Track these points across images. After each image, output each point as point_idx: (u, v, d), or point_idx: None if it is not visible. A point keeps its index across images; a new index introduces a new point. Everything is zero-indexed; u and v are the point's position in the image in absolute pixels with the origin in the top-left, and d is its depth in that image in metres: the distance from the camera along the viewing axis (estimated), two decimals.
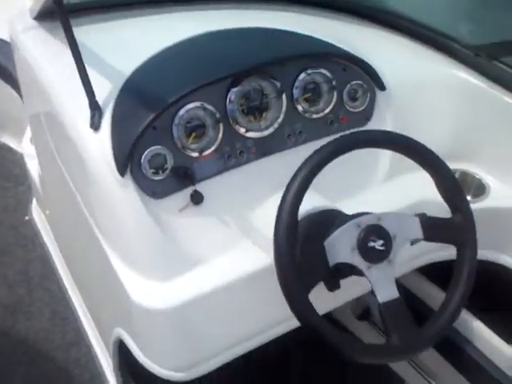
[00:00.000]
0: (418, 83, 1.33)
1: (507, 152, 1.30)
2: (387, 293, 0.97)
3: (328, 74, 1.20)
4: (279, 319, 1.15)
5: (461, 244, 1.02)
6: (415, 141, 1.04)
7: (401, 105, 1.31)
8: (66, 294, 1.90)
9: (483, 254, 1.36)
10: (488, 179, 1.33)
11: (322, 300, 1.02)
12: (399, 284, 1.02)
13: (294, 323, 1.15)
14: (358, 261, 0.96)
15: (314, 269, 0.95)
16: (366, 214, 1.00)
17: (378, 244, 0.97)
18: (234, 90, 1.10)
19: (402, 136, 1.05)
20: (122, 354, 1.29)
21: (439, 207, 1.05)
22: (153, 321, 1.05)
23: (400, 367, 1.65)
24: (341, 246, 0.95)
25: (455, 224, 1.02)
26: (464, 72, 1.32)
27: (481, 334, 1.40)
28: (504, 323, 1.40)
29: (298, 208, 0.94)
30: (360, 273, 0.97)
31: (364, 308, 1.70)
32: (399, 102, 1.30)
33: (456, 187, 1.03)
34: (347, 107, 1.25)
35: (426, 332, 0.97)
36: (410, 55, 1.38)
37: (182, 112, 1.05)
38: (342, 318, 1.77)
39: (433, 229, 1.01)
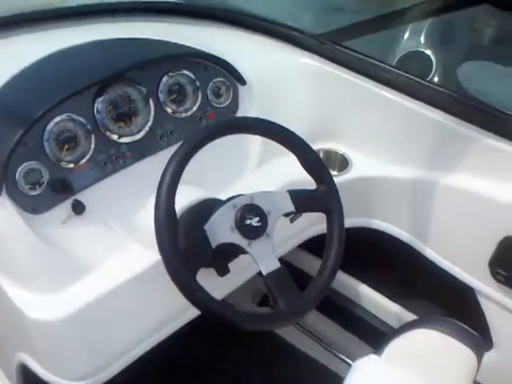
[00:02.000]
0: (275, 75, 1.44)
1: (363, 127, 1.44)
2: (270, 264, 1.05)
3: (190, 74, 1.27)
4: (177, 312, 1.19)
5: (328, 211, 1.13)
6: (276, 124, 1.14)
7: (263, 96, 1.40)
8: None
9: (356, 221, 1.50)
10: (350, 154, 1.46)
11: (216, 286, 1.09)
12: (285, 261, 1.11)
13: (192, 314, 1.21)
14: (238, 239, 1.03)
15: (199, 253, 1.01)
16: (241, 195, 1.08)
17: (254, 221, 1.05)
18: (100, 99, 1.14)
19: (263, 120, 1.14)
20: (27, 379, 1.28)
21: (308, 184, 1.15)
22: (49, 334, 1.05)
23: (289, 334, 1.76)
24: (220, 228, 1.02)
25: (321, 194, 1.13)
26: (313, 59, 1.45)
27: (365, 293, 1.53)
28: (385, 282, 1.55)
29: (173, 196, 0.99)
30: (242, 250, 1.04)
31: (262, 295, 1.80)
32: (261, 93, 1.40)
33: (317, 161, 1.14)
34: (213, 103, 1.32)
35: (308, 295, 1.07)
36: (267, 51, 1.49)
37: (50, 126, 1.07)
38: (245, 308, 1.85)
39: (302, 201, 1.11)
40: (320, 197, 1.13)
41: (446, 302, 1.49)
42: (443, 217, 1.34)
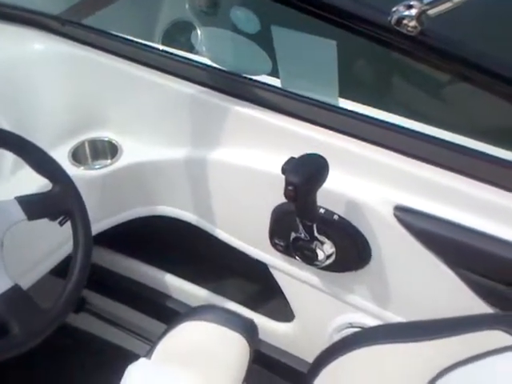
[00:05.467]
0: (22, 64, 1.28)
1: (126, 110, 1.32)
2: None
3: None
4: None
5: (68, 212, 1.00)
6: None
7: (9, 90, 1.25)
8: None
9: (143, 210, 1.40)
10: (119, 140, 1.33)
11: None
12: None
13: None
14: None
15: None
16: None
17: None
18: None
19: None
20: None
21: None
22: None
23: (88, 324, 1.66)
24: None
25: (56, 194, 1.00)
26: (59, 42, 1.29)
27: (164, 279, 1.46)
28: (185, 267, 1.47)
29: None
30: None
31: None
32: (6, 87, 1.24)
33: (46, 159, 1.02)
34: None
35: (50, 311, 0.95)
36: (7, 38, 1.31)
37: None
38: None
39: (34, 206, 0.98)
40: (55, 198, 1.00)
41: (247, 280, 1.45)
42: (221, 194, 1.27)
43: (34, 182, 1.13)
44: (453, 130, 1.04)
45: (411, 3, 0.79)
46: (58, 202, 1.00)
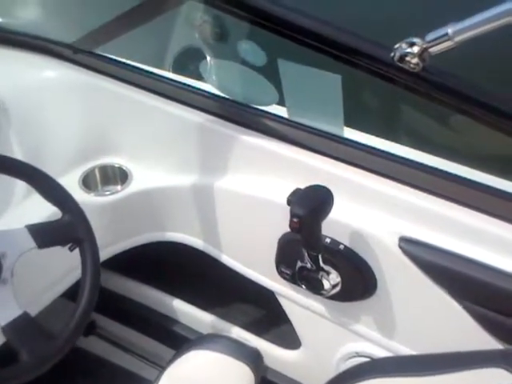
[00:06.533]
0: (35, 91, 1.31)
1: (136, 137, 1.34)
2: (8, 313, 0.93)
3: None
4: None
5: (78, 240, 1.02)
6: (5, 157, 1.02)
7: (23, 117, 1.28)
8: None
9: (150, 236, 1.41)
10: (129, 166, 1.35)
11: None
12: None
13: None
14: None
15: None
16: None
17: None
18: None
19: None
20: None
21: None
22: None
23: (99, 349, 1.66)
24: None
25: (66, 223, 1.02)
26: (72, 70, 1.32)
27: (172, 304, 1.46)
28: (191, 292, 1.48)
29: None
30: None
31: None
32: (20, 114, 1.27)
33: (57, 188, 1.04)
34: None
35: (58, 339, 0.96)
36: (21, 66, 1.35)
37: None
38: None
39: (44, 234, 1.00)
40: (65, 226, 1.02)
41: (254, 307, 1.45)
42: (228, 221, 1.28)
43: (45, 209, 1.15)
44: (457, 161, 1.05)
45: (413, 41, 0.81)
46: (68, 230, 1.02)
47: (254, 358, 1.04)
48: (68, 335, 0.97)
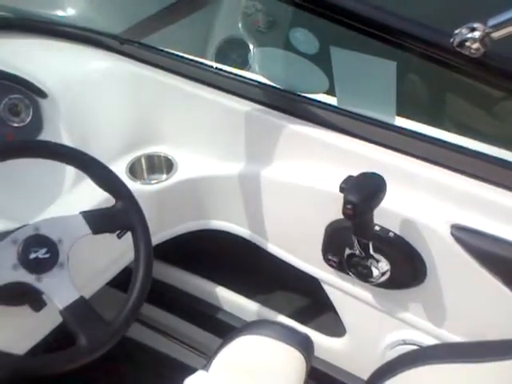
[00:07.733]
0: (81, 82, 1.32)
1: (183, 126, 1.35)
2: (66, 297, 0.95)
3: None
4: None
5: (131, 227, 1.04)
6: (60, 145, 1.04)
7: (71, 107, 1.29)
8: None
9: (196, 224, 1.43)
10: (175, 155, 1.37)
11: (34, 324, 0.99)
12: None
13: None
14: (23, 276, 0.93)
15: None
16: (24, 226, 0.97)
17: (41, 253, 0.95)
18: None
19: (44, 142, 1.03)
20: None
21: None
22: None
23: (144, 336, 1.68)
24: None
25: (119, 210, 1.04)
26: (119, 61, 1.34)
27: (217, 292, 1.48)
28: (236, 280, 1.49)
29: None
30: (30, 288, 0.94)
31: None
32: (68, 104, 1.29)
33: (110, 176, 1.05)
34: (11, 123, 1.20)
35: (114, 324, 0.98)
36: (69, 57, 1.37)
37: None
38: None
39: (98, 221, 1.02)
40: (118, 213, 1.04)
41: (298, 294, 1.45)
42: (274, 210, 1.28)
43: (95, 196, 1.17)
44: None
45: (474, 26, 0.80)
46: (122, 217, 1.04)
47: (306, 345, 1.04)
48: (122, 321, 0.99)
